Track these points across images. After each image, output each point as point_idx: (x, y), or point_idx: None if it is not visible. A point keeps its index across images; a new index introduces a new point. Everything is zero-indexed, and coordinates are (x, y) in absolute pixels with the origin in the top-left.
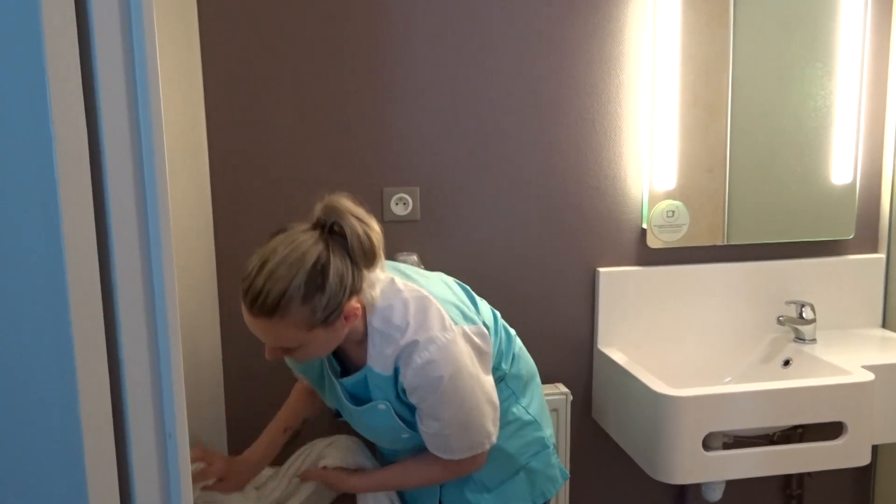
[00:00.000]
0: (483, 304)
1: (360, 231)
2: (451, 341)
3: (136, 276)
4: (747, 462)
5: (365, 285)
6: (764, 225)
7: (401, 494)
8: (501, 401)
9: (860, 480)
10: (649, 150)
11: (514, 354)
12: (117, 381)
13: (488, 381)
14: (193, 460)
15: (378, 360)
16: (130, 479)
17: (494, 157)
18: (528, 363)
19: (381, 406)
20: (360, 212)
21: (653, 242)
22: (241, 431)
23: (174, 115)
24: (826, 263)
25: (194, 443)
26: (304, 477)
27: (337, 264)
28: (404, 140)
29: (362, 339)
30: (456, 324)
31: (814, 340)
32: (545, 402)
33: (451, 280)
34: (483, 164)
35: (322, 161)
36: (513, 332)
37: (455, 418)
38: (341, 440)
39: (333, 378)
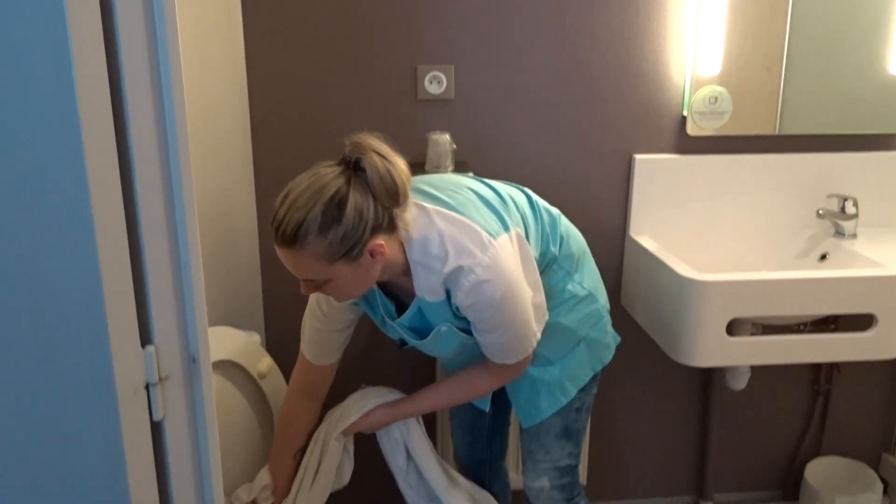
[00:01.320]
0: (515, 194)
1: (381, 167)
2: (495, 257)
3: (148, 111)
4: (771, 349)
5: (399, 223)
6: (815, 116)
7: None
8: (556, 281)
9: (889, 380)
10: (694, 32)
11: (561, 235)
12: (133, 216)
13: (532, 281)
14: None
15: (426, 291)
16: (148, 308)
17: (532, 37)
18: (577, 240)
19: (444, 328)
20: (385, 149)
21: (693, 130)
22: (275, 303)
23: None
24: (874, 158)
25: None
26: (346, 433)
27: (356, 199)
28: (439, 18)
29: (406, 272)
30: (495, 237)
31: (854, 236)
32: (598, 271)
33: (476, 183)
34: (520, 44)
35: (356, 40)
36: (556, 211)
37: (510, 328)
38: (356, 395)
39: (390, 321)
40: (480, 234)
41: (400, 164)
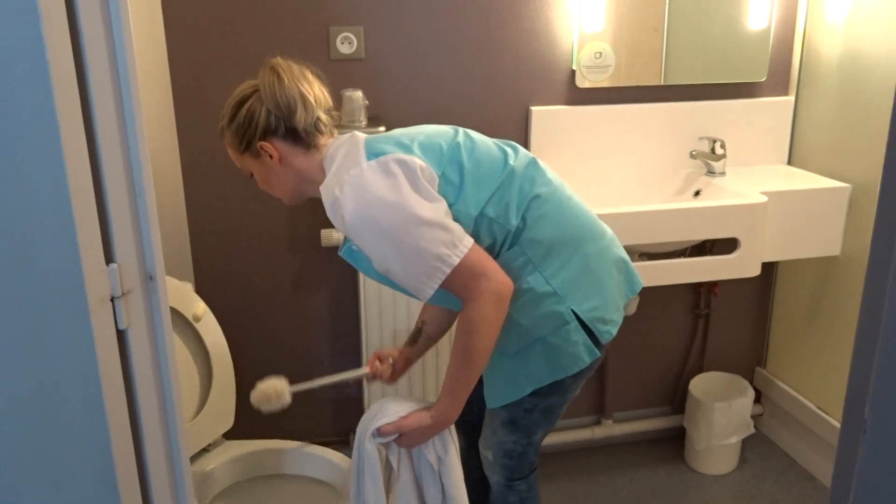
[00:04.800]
0: (481, 142)
1: (267, 82)
2: (356, 177)
3: (101, 44)
4: (655, 272)
5: (312, 141)
6: (692, 69)
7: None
8: (515, 267)
9: (759, 304)
10: None
11: (536, 214)
12: (95, 153)
13: (427, 205)
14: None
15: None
16: (110, 231)
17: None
18: (560, 230)
19: (354, 246)
20: (282, 68)
21: (581, 82)
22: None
23: None
24: (740, 105)
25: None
26: (383, 431)
27: (252, 103)
28: None
29: None
30: (370, 158)
31: (723, 174)
32: (592, 273)
33: (439, 127)
34: (424, 6)
35: (270, 3)
36: (544, 190)
37: (384, 250)
38: (389, 398)
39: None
40: (359, 154)
41: (288, 84)
